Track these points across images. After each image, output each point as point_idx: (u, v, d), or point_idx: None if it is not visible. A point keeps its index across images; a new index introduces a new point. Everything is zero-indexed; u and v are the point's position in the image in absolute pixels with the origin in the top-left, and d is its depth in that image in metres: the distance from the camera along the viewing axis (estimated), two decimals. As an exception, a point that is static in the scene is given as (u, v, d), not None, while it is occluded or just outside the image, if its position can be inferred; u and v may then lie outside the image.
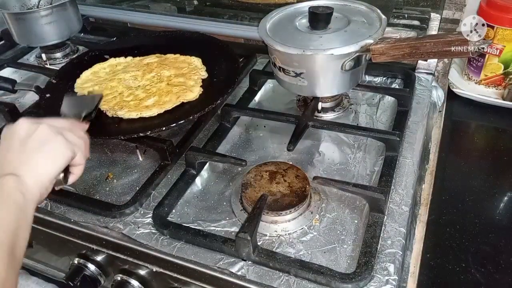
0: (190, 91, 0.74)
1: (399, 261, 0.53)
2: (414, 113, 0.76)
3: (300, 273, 0.51)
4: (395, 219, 0.58)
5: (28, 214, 0.44)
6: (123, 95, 0.76)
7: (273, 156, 0.71)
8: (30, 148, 0.46)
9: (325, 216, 0.60)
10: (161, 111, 0.70)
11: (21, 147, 0.46)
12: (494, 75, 0.82)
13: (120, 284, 0.62)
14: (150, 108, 0.71)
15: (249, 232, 0.51)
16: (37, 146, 0.47)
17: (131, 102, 0.73)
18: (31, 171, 0.45)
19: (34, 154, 0.46)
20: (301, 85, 0.71)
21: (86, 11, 1.15)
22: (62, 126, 0.50)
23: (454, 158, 0.72)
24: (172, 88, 0.75)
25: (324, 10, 0.69)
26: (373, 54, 0.64)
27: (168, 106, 0.71)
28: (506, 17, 0.75)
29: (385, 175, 0.62)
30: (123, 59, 0.88)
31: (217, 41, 0.88)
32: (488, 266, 0.54)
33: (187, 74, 0.79)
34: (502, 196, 0.64)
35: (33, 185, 0.45)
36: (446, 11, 0.93)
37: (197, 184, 0.67)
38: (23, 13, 0.94)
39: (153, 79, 0.79)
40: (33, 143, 0.47)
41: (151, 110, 0.70)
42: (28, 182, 0.44)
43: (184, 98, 0.72)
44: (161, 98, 0.73)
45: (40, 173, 0.46)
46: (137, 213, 0.62)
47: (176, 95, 0.73)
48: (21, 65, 0.99)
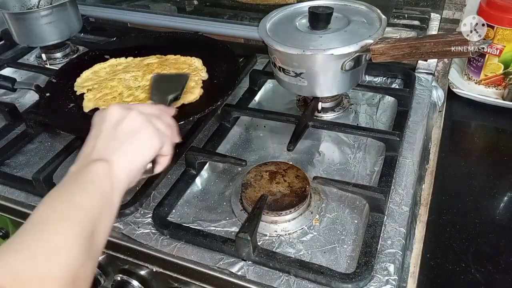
0: (190, 93, 0.74)
1: (399, 261, 0.53)
2: (414, 113, 0.76)
3: (300, 273, 0.51)
4: (395, 219, 0.58)
5: (114, 202, 0.43)
6: (123, 95, 0.76)
7: (273, 156, 0.71)
8: (121, 135, 0.45)
9: (325, 216, 0.60)
10: None
11: (112, 134, 0.45)
12: (494, 75, 0.82)
13: (120, 284, 0.62)
14: None
15: (249, 232, 0.52)
16: (128, 135, 0.46)
17: (130, 103, 0.73)
18: (121, 159, 0.44)
19: (125, 142, 0.45)
20: (301, 85, 0.71)
21: (86, 11, 1.15)
22: (151, 113, 0.49)
23: (454, 158, 0.72)
24: None
25: (324, 10, 0.69)
26: (373, 54, 0.64)
27: None
28: (506, 17, 0.75)
29: (385, 175, 0.62)
30: (123, 59, 0.88)
31: (217, 42, 0.88)
32: (488, 266, 0.54)
33: None
34: (502, 196, 0.64)
35: (122, 173, 0.44)
36: (446, 11, 0.94)
37: (197, 184, 0.67)
38: (23, 13, 0.94)
39: None
40: (124, 131, 0.46)
41: None
42: (118, 170, 0.43)
43: (184, 99, 0.72)
44: None
45: (130, 162, 0.45)
46: (137, 213, 0.62)
47: None
48: (21, 65, 0.99)
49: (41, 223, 0.38)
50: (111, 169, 0.43)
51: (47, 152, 0.76)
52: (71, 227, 0.38)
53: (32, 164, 0.73)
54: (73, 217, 0.39)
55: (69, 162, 0.72)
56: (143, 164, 0.47)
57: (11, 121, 0.82)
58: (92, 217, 0.40)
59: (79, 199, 0.40)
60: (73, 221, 0.38)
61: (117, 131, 0.46)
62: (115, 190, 0.43)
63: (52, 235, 0.37)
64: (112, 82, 0.79)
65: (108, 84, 0.79)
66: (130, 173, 0.45)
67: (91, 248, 0.39)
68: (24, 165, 0.74)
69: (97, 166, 0.43)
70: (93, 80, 0.82)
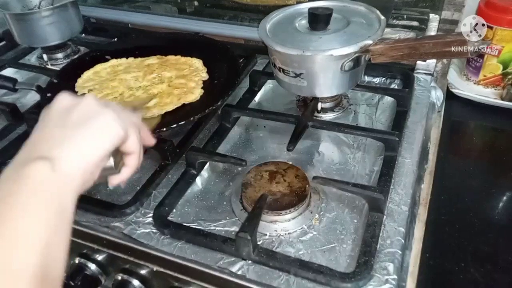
0: (191, 93, 0.74)
1: (399, 260, 0.53)
2: (413, 113, 0.76)
3: (300, 272, 0.52)
4: (395, 218, 0.58)
5: (66, 211, 0.34)
6: (124, 95, 0.76)
7: (273, 156, 0.71)
8: (72, 123, 0.37)
9: (325, 216, 0.60)
10: (161, 112, 0.71)
11: (60, 122, 0.38)
12: (492, 76, 0.83)
13: (120, 283, 0.62)
14: (150, 109, 0.71)
15: (249, 232, 0.52)
16: (81, 121, 0.37)
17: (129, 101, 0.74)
18: (71, 152, 0.36)
19: (77, 130, 0.37)
20: (300, 85, 0.71)
21: (87, 11, 1.15)
22: (111, 103, 0.41)
23: (453, 158, 0.72)
24: (173, 89, 0.76)
25: (323, 11, 0.70)
26: (372, 55, 0.65)
27: (169, 107, 0.71)
28: (505, 17, 0.75)
29: (384, 175, 0.63)
30: (124, 60, 0.88)
31: (217, 43, 0.89)
32: (487, 266, 0.54)
33: (188, 76, 0.79)
34: (501, 196, 0.64)
35: (71, 170, 0.35)
36: (445, 12, 0.94)
37: (198, 184, 0.68)
38: (24, 13, 0.94)
39: (154, 80, 0.79)
40: (76, 117, 0.38)
41: (152, 111, 0.71)
42: (65, 167, 0.35)
43: (185, 99, 0.73)
44: (162, 99, 0.73)
45: (82, 154, 0.36)
46: (137, 212, 0.62)
47: (178, 97, 0.73)
48: (22, 66, 1.00)
49: None
50: (55, 168, 0.34)
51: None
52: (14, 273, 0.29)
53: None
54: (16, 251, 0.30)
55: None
56: (102, 156, 0.38)
57: (12, 122, 0.82)
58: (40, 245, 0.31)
59: (21, 223, 0.31)
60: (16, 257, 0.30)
61: (68, 119, 0.38)
62: (64, 195, 0.34)
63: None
64: (113, 83, 0.80)
65: (109, 84, 0.79)
66: (85, 168, 0.36)
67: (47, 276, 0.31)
68: (25, 165, 0.74)
69: (37, 167, 0.34)
70: (94, 80, 0.82)
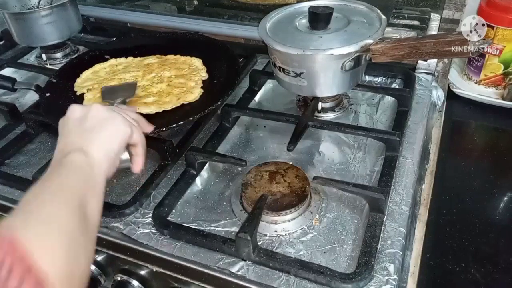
0: (190, 93, 0.74)
1: (399, 261, 0.53)
2: (414, 113, 0.76)
3: (300, 273, 0.51)
4: (395, 219, 0.58)
5: (98, 183, 0.45)
6: None
7: (273, 156, 0.71)
8: (90, 127, 0.48)
9: (325, 216, 0.60)
10: (159, 110, 0.70)
11: (81, 128, 0.48)
12: (494, 75, 0.82)
13: (120, 284, 0.62)
14: (148, 105, 0.71)
15: (249, 232, 0.52)
16: (96, 125, 0.48)
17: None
18: (95, 146, 0.47)
19: (96, 131, 0.48)
20: (301, 85, 0.71)
21: (86, 11, 1.15)
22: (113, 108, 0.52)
23: (454, 158, 0.72)
24: (173, 89, 0.75)
25: (324, 10, 0.69)
26: (373, 54, 0.64)
27: (167, 106, 0.71)
28: (506, 17, 0.75)
29: (385, 175, 0.62)
30: (123, 59, 0.88)
31: (217, 42, 0.88)
32: (488, 266, 0.54)
33: (187, 75, 0.79)
34: (502, 196, 0.64)
35: (99, 156, 0.46)
36: (446, 11, 0.94)
37: (197, 184, 0.67)
38: (23, 13, 0.94)
39: (154, 79, 0.79)
40: (91, 122, 0.48)
41: (150, 107, 0.70)
42: (94, 154, 0.46)
43: (184, 99, 0.72)
44: (161, 98, 0.73)
45: (104, 148, 0.47)
46: (137, 213, 0.62)
47: (177, 96, 0.73)
48: (21, 65, 0.99)
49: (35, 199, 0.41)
50: (88, 155, 0.46)
51: (47, 152, 0.76)
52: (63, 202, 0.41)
53: (32, 164, 0.73)
54: (63, 194, 0.41)
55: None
56: (118, 148, 0.49)
57: (11, 121, 0.82)
58: (80, 195, 0.42)
59: (66, 181, 0.43)
60: (63, 196, 0.41)
61: (84, 125, 0.48)
62: (97, 173, 0.46)
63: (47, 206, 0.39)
64: (112, 82, 0.79)
65: (108, 84, 0.79)
66: (108, 157, 0.48)
67: (85, 222, 0.41)
68: (24, 165, 0.74)
69: (74, 155, 0.45)
70: (93, 80, 0.82)
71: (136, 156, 0.54)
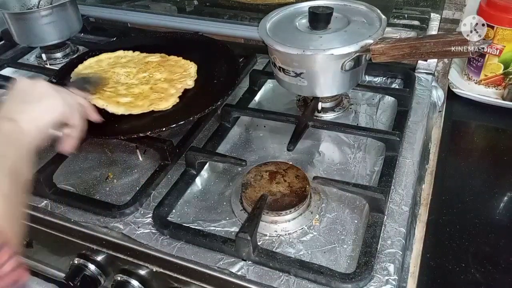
0: (165, 100, 0.71)
1: (399, 261, 0.53)
2: (414, 113, 0.76)
3: (300, 273, 0.51)
4: (395, 219, 0.58)
5: (26, 150, 0.49)
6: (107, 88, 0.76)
7: (273, 156, 0.71)
8: (29, 99, 0.53)
9: (325, 216, 0.60)
10: (125, 113, 0.69)
11: (21, 98, 0.53)
12: (494, 75, 0.82)
13: (120, 284, 0.62)
14: (119, 105, 0.70)
15: (249, 232, 0.52)
16: (36, 98, 0.53)
17: (107, 92, 0.73)
18: (27, 116, 0.51)
19: (32, 105, 0.52)
20: (301, 85, 0.71)
21: (86, 11, 1.15)
22: (62, 89, 0.57)
23: (454, 158, 0.72)
24: (152, 93, 0.74)
25: (324, 10, 0.69)
26: (373, 54, 0.65)
27: (136, 110, 0.69)
28: (506, 17, 0.75)
29: (385, 175, 0.62)
30: (131, 52, 0.87)
31: (217, 42, 0.88)
32: (488, 266, 0.54)
33: (174, 81, 0.77)
34: (502, 196, 0.64)
35: (29, 128, 0.50)
36: (446, 11, 0.94)
37: (197, 184, 0.67)
38: (23, 13, 0.94)
39: (143, 79, 0.78)
40: (33, 95, 0.53)
41: (119, 108, 0.69)
42: (25, 126, 0.50)
43: (156, 106, 0.70)
44: (136, 101, 0.72)
45: (35, 119, 0.51)
46: (137, 213, 0.62)
47: (150, 102, 0.71)
48: (21, 65, 0.99)
49: None
50: (17, 124, 0.50)
51: (47, 152, 0.76)
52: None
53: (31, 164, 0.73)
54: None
55: (69, 161, 0.72)
56: (50, 122, 0.53)
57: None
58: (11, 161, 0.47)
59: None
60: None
61: (25, 97, 0.53)
62: (24, 138, 0.50)
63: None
64: (106, 74, 0.79)
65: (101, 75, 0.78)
66: (38, 128, 0.51)
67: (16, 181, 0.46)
68: (24, 165, 0.73)
69: (5, 123, 0.49)
70: (93, 68, 0.82)
71: (69, 137, 0.57)
